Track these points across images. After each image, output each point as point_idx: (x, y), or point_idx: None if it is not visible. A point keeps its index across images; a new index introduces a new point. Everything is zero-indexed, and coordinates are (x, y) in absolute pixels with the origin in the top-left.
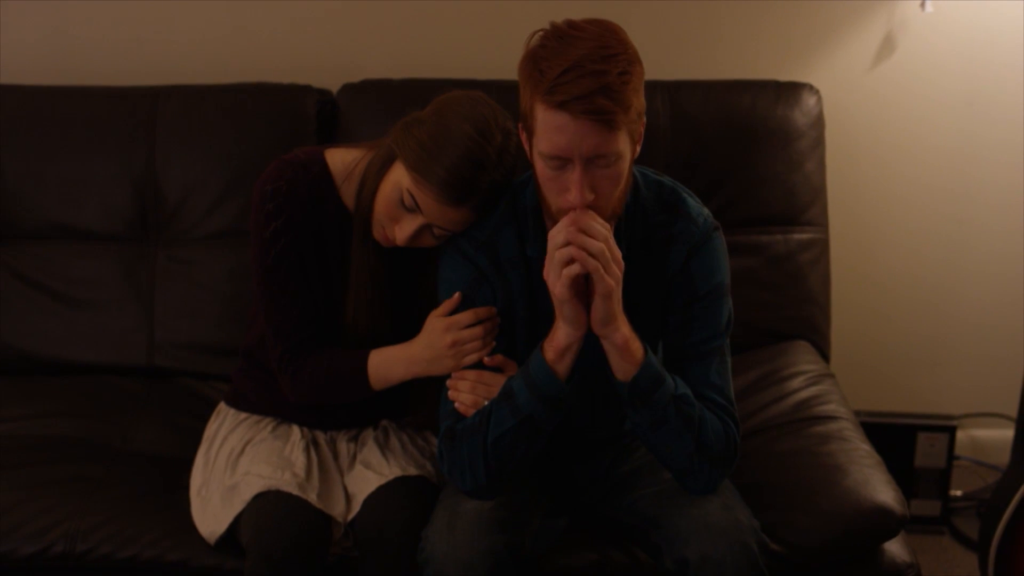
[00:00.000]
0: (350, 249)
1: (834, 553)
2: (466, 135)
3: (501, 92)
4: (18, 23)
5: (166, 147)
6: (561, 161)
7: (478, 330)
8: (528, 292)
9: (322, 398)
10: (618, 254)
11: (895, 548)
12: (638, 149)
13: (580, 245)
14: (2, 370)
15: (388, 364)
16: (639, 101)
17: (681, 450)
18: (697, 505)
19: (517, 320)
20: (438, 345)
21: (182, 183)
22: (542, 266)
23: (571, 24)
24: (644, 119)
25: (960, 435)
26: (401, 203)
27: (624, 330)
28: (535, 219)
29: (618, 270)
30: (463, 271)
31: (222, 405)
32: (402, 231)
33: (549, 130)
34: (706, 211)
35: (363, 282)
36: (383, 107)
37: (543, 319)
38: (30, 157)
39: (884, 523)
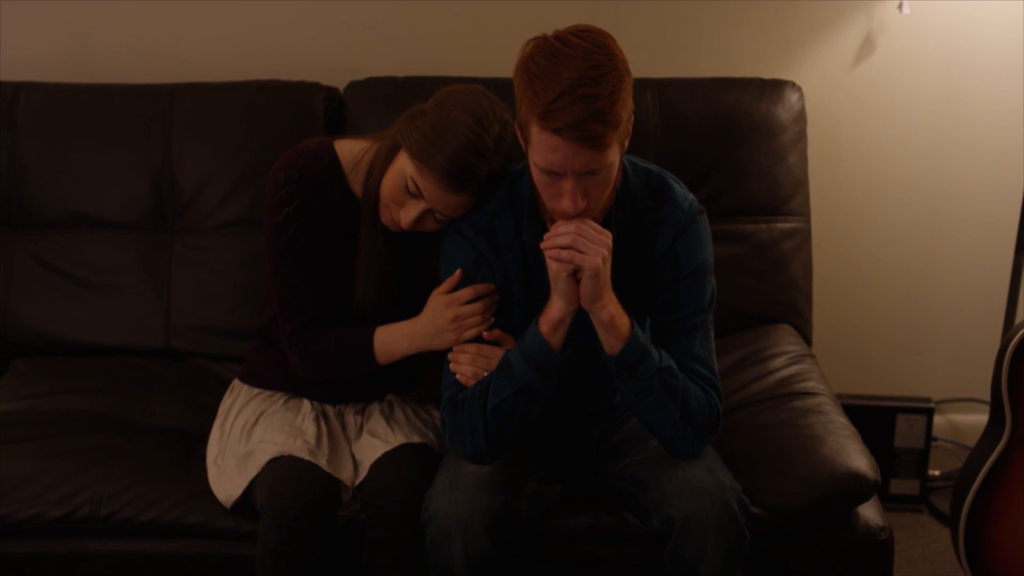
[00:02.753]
0: (358, 233)
1: (812, 516)
2: (466, 126)
3: (500, 89)
4: (42, 25)
5: (182, 141)
6: (555, 174)
7: (478, 305)
8: (523, 274)
9: (329, 373)
10: (608, 239)
11: (869, 512)
12: (627, 143)
13: (578, 248)
14: (27, 351)
15: (393, 340)
16: (628, 109)
17: (666, 418)
18: (682, 468)
19: (513, 300)
20: (440, 320)
21: (197, 175)
22: (537, 250)
23: (562, 39)
24: (633, 117)
25: (939, 419)
26: (405, 189)
27: (611, 308)
28: (530, 206)
29: (606, 252)
30: (464, 252)
31: (236, 382)
32: (406, 215)
33: (544, 148)
34: (691, 196)
35: (371, 264)
36: (387, 103)
37: (537, 299)
38: (53, 150)
39: (858, 488)
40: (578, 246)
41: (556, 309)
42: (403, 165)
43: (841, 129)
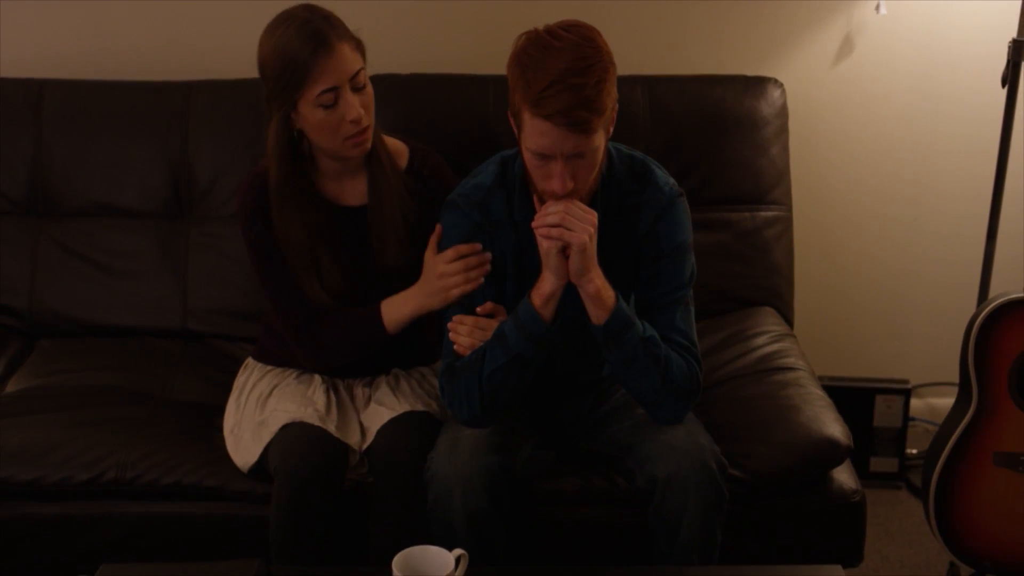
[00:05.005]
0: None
1: (789, 479)
2: (289, 27)
3: (501, 85)
4: (65, 26)
5: (198, 135)
6: (546, 157)
7: (459, 264)
8: (516, 251)
9: (346, 355)
10: (594, 217)
11: (842, 476)
12: (611, 130)
13: (566, 227)
14: (53, 333)
15: (397, 306)
16: (613, 97)
17: (650, 385)
18: (665, 432)
19: (507, 275)
20: (430, 278)
21: (212, 167)
22: (528, 229)
23: (551, 33)
24: (617, 106)
25: (917, 402)
26: (324, 107)
27: (597, 281)
28: (522, 188)
29: (592, 229)
30: (462, 223)
31: (250, 360)
32: (350, 111)
33: (535, 133)
34: (672, 180)
35: (323, 249)
36: (391, 99)
37: (529, 274)
38: (77, 143)
39: (832, 452)
40: (567, 224)
41: (547, 283)
42: (303, 107)
43: (822, 124)
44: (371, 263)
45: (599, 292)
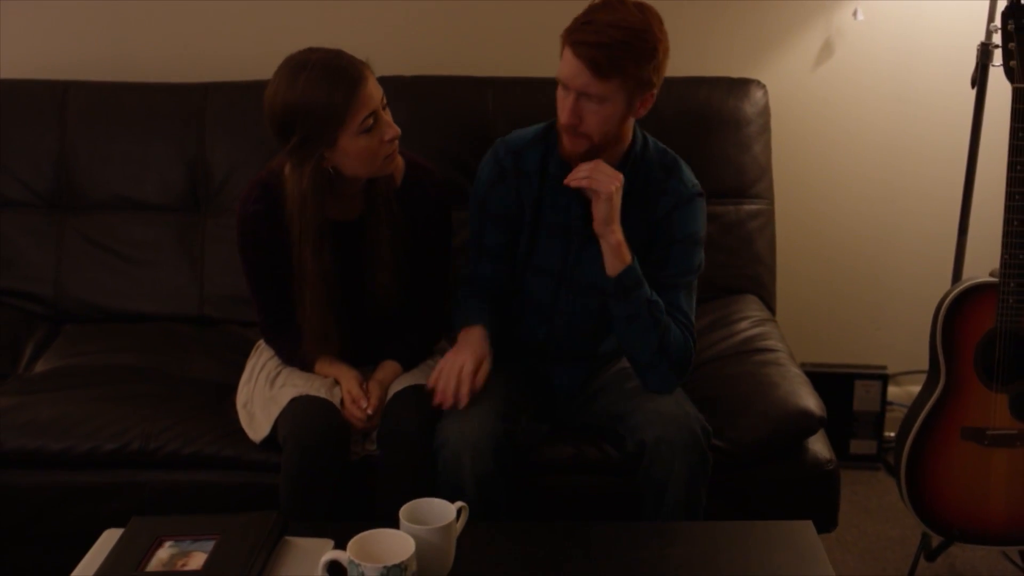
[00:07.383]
0: (304, 260)
1: (767, 447)
2: (311, 74)
3: (504, 87)
4: (88, 30)
5: (214, 133)
6: (563, 86)
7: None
8: (535, 203)
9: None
10: (620, 178)
11: (817, 446)
12: (641, 111)
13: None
14: (77, 319)
15: (328, 368)
16: (644, 74)
17: (647, 346)
18: (653, 400)
19: (523, 223)
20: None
21: (227, 163)
22: (555, 181)
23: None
24: (654, 93)
25: (895, 389)
26: (366, 132)
27: (619, 234)
28: (560, 146)
29: (618, 183)
30: (491, 169)
31: (261, 342)
32: (388, 131)
33: (563, 60)
34: (696, 180)
35: (318, 286)
36: (395, 100)
37: (543, 227)
38: (100, 141)
39: (806, 423)
40: (595, 175)
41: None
42: (342, 141)
43: (803, 123)
44: (361, 286)
45: (620, 245)
